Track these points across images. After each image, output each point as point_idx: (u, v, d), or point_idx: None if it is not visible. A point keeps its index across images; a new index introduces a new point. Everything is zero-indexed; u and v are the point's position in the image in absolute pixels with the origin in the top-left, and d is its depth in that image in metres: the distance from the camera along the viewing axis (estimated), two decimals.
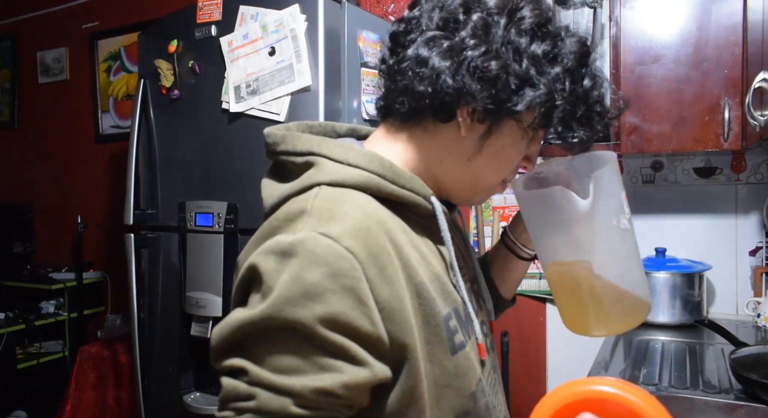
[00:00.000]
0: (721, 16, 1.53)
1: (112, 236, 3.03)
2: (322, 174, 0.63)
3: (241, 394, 0.54)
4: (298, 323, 0.53)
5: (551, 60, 0.63)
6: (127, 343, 2.30)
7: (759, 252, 1.79)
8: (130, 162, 1.89)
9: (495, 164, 0.68)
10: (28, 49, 3.39)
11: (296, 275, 0.54)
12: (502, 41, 0.62)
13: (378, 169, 0.64)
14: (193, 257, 1.76)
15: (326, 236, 0.55)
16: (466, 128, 0.65)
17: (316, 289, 0.53)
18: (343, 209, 0.59)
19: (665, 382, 1.30)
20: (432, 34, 0.63)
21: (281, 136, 0.68)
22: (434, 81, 0.62)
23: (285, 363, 0.54)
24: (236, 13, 1.65)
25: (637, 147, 1.62)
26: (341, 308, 0.54)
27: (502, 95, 0.61)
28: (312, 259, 0.54)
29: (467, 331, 0.69)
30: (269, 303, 0.54)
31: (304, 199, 0.61)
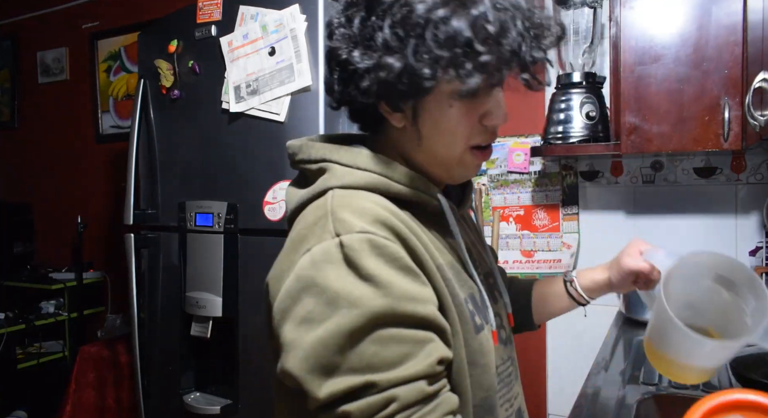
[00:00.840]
0: (721, 16, 1.53)
1: (112, 236, 3.03)
2: (334, 179, 0.67)
3: (379, 404, 0.56)
4: (388, 312, 0.57)
5: (399, 26, 0.61)
6: (127, 343, 2.30)
7: (759, 252, 1.79)
8: (130, 162, 1.89)
9: (441, 139, 0.68)
10: (28, 49, 3.39)
11: (363, 275, 0.57)
12: (356, 37, 0.64)
13: (385, 171, 0.67)
14: (193, 257, 1.76)
15: (364, 231, 0.59)
16: (395, 120, 0.68)
17: (383, 276, 0.57)
18: (360, 206, 0.63)
19: (665, 382, 1.30)
20: (330, 58, 0.68)
21: (298, 147, 0.72)
22: (334, 93, 0.69)
23: (395, 355, 0.57)
24: (236, 13, 1.65)
25: (637, 147, 1.62)
26: (409, 285, 0.59)
27: (373, 81, 0.63)
28: (366, 254, 0.58)
29: (484, 316, 0.72)
30: (353, 306, 0.56)
31: (322, 204, 0.65)
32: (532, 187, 2.09)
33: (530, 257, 2.08)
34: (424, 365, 0.57)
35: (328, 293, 0.57)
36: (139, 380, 1.91)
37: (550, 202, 2.06)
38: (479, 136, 0.69)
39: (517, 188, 2.11)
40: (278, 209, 1.57)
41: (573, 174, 2.02)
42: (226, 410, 1.69)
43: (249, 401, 1.66)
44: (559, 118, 1.77)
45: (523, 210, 2.10)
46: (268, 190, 1.59)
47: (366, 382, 0.55)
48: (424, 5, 0.60)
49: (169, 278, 1.87)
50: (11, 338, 2.71)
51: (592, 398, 1.22)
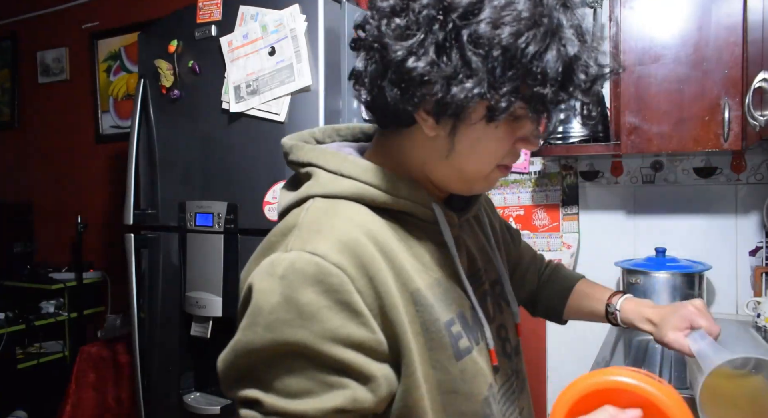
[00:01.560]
0: (721, 16, 1.53)
1: (112, 236, 3.03)
2: (317, 186, 0.65)
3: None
4: (301, 344, 0.54)
5: (480, 45, 0.55)
6: (127, 343, 2.30)
7: (759, 252, 1.79)
8: (130, 162, 1.89)
9: (474, 157, 0.64)
10: (28, 49, 3.39)
11: (290, 297, 0.55)
12: (424, 39, 0.57)
13: (371, 180, 0.64)
14: (193, 257, 1.76)
15: (314, 253, 0.56)
16: (429, 128, 0.62)
17: (311, 307, 0.55)
18: (330, 223, 0.60)
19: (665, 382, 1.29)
20: (369, 43, 0.61)
21: (290, 147, 0.70)
22: (371, 94, 0.63)
23: (295, 387, 0.55)
24: (236, 13, 1.65)
25: (637, 147, 1.62)
26: (339, 322, 0.55)
27: (438, 96, 0.57)
28: (303, 279, 0.55)
29: (475, 336, 0.68)
30: (269, 327, 0.55)
31: (297, 214, 0.63)
32: (532, 188, 2.09)
33: None
34: (316, 409, 0.54)
35: (255, 307, 0.57)
36: (139, 380, 1.91)
37: (550, 202, 2.06)
38: (510, 157, 0.66)
39: (517, 188, 2.11)
40: None
41: (573, 174, 2.03)
42: (226, 410, 1.69)
43: None
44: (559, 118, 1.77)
45: (523, 210, 2.10)
46: (268, 191, 1.59)
47: (255, 398, 0.56)
48: (512, 30, 0.54)
49: (169, 278, 1.87)
50: (11, 338, 2.71)
51: None
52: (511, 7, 0.55)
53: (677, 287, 1.68)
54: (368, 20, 0.62)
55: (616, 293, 0.92)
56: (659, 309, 0.85)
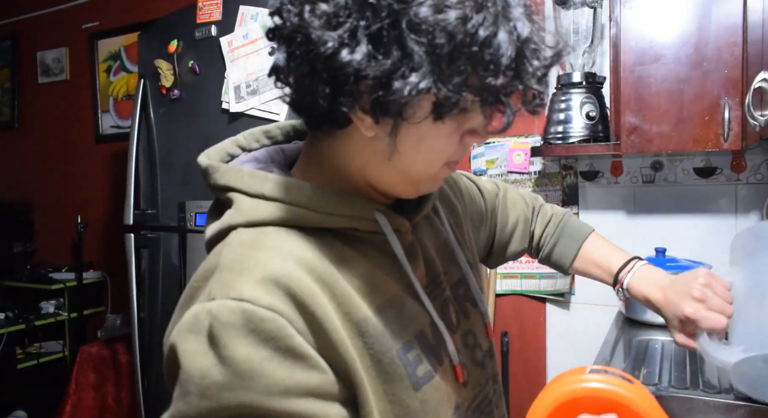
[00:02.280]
0: (721, 16, 1.53)
1: (112, 236, 3.03)
2: (238, 214, 0.57)
3: None
4: (246, 406, 0.47)
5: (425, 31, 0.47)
6: (127, 343, 2.30)
7: None
8: (130, 162, 1.89)
9: (419, 157, 0.56)
10: (28, 49, 3.39)
11: (221, 356, 0.48)
12: (355, 27, 0.48)
13: (297, 200, 0.56)
14: (193, 257, 1.76)
15: (240, 299, 0.49)
16: (367, 128, 0.54)
17: (249, 363, 0.47)
18: (255, 258, 0.52)
19: (665, 382, 1.30)
20: (290, 38, 0.54)
21: (204, 168, 0.62)
22: (297, 93, 0.56)
23: None
24: (236, 13, 1.65)
25: (637, 147, 1.62)
26: (285, 373, 0.48)
27: (374, 96, 0.50)
28: (232, 332, 0.48)
29: (437, 357, 0.62)
30: (203, 395, 0.48)
31: (219, 251, 0.56)
32: (532, 188, 2.09)
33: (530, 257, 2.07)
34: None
35: (182, 373, 0.50)
36: (139, 380, 1.91)
37: (551, 202, 2.06)
38: (458, 153, 0.59)
39: (516, 188, 2.11)
40: None
41: (573, 174, 2.03)
42: None
43: None
44: (559, 118, 1.77)
45: None
46: None
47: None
48: (458, 14, 0.47)
49: (169, 278, 1.86)
50: (11, 338, 2.71)
51: None
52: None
53: None
54: (285, 5, 0.53)
55: (626, 263, 0.87)
56: (664, 292, 0.80)
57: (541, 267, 2.05)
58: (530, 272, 2.06)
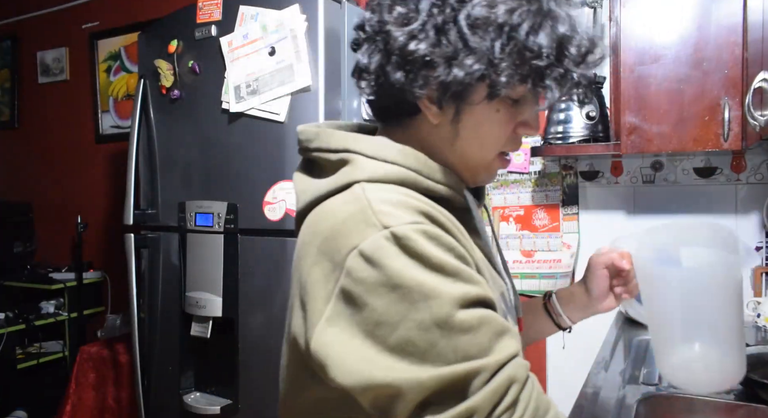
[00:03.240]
0: (721, 16, 1.53)
1: (112, 236, 3.03)
2: (359, 171, 0.63)
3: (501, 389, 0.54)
4: (460, 300, 0.54)
5: (478, 25, 0.58)
6: (127, 343, 2.30)
7: (759, 252, 1.79)
8: (130, 162, 1.89)
9: (478, 142, 0.66)
10: (28, 49, 3.39)
11: (426, 264, 0.54)
12: (423, 24, 0.60)
13: (414, 165, 0.64)
14: (193, 257, 1.76)
15: (413, 223, 0.56)
16: (433, 116, 0.64)
17: (450, 265, 0.55)
18: (398, 198, 0.60)
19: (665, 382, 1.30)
20: (371, 38, 0.64)
21: (315, 133, 0.68)
22: (377, 85, 0.64)
23: (487, 338, 0.54)
24: (236, 13, 1.65)
25: (637, 147, 1.62)
26: (470, 271, 0.58)
27: (438, 78, 0.60)
28: (427, 245, 0.55)
29: (513, 317, 0.71)
30: (428, 302, 0.53)
31: (352, 198, 0.60)
32: (532, 188, 2.09)
33: (530, 257, 2.08)
34: (514, 341, 0.57)
35: (399, 290, 0.53)
36: (139, 380, 1.91)
37: (550, 202, 2.06)
38: (511, 144, 0.68)
39: (517, 188, 2.11)
40: (278, 209, 1.57)
41: (573, 174, 2.03)
42: (226, 410, 1.69)
43: (249, 401, 1.66)
44: (559, 118, 1.77)
45: (523, 210, 2.10)
46: (268, 191, 1.59)
47: (471, 369, 0.53)
48: (506, 8, 0.58)
49: (169, 278, 1.87)
50: (11, 338, 2.71)
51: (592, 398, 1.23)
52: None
53: None
54: (368, 17, 0.64)
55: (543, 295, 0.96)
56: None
57: (541, 267, 2.05)
58: (530, 272, 2.06)
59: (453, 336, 0.53)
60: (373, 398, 0.54)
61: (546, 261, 2.05)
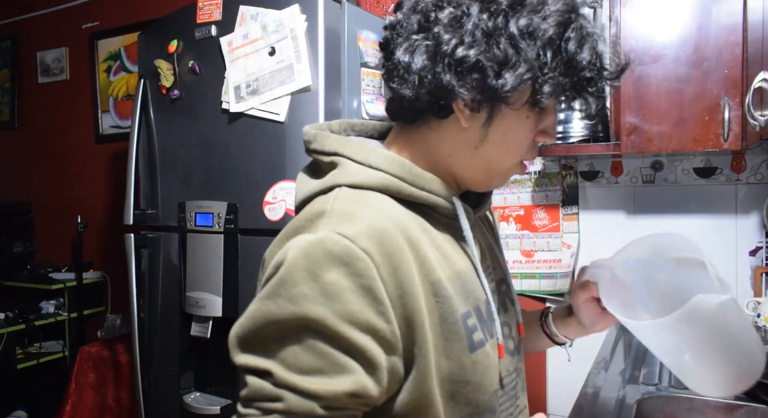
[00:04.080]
0: (721, 16, 1.53)
1: (112, 236, 3.03)
2: (344, 175, 0.66)
3: (268, 395, 0.57)
4: (319, 321, 0.56)
5: (529, 35, 0.61)
6: (127, 343, 2.30)
7: (759, 252, 1.79)
8: (130, 162, 1.89)
9: (504, 147, 0.68)
10: (28, 49, 3.39)
11: (315, 274, 0.56)
12: (474, 28, 0.61)
13: (398, 172, 0.66)
14: (193, 257, 1.76)
15: (344, 236, 0.58)
16: (465, 119, 0.66)
17: (335, 287, 0.56)
18: (360, 211, 0.61)
19: (665, 382, 1.30)
20: (412, 37, 0.65)
21: (313, 135, 0.71)
22: (418, 84, 0.64)
23: (307, 364, 0.56)
24: (236, 13, 1.65)
25: (637, 147, 1.62)
26: (359, 307, 0.56)
27: (487, 82, 0.61)
28: (330, 259, 0.57)
29: (489, 330, 0.70)
30: (291, 300, 0.56)
31: (325, 200, 0.64)
32: (532, 187, 2.09)
33: (530, 257, 2.08)
34: (327, 390, 0.55)
35: (279, 279, 0.58)
36: (139, 380, 1.91)
37: (550, 202, 2.06)
38: (531, 152, 0.71)
39: (517, 188, 2.11)
40: (278, 209, 1.57)
41: (573, 174, 2.02)
42: (226, 410, 1.69)
43: None
44: (558, 118, 1.77)
45: (523, 210, 2.10)
46: (268, 190, 1.59)
47: (267, 369, 0.57)
48: (557, 21, 0.62)
49: (169, 278, 1.87)
50: (11, 338, 2.71)
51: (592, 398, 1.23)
52: (548, 3, 0.63)
53: None
54: (406, 16, 0.66)
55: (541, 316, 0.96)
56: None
57: (541, 267, 2.05)
58: (530, 272, 2.06)
59: (283, 338, 0.57)
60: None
61: (546, 261, 2.05)
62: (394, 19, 0.68)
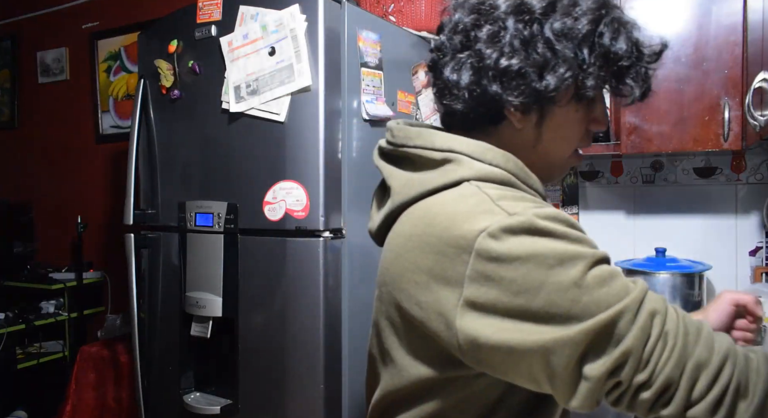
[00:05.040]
0: (721, 16, 1.53)
1: (112, 236, 3.03)
2: (468, 170, 0.68)
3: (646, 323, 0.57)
4: (598, 260, 0.60)
5: (564, 36, 0.66)
6: (127, 343, 2.30)
7: (759, 252, 1.79)
8: (130, 162, 1.89)
9: (559, 141, 0.73)
10: (28, 49, 3.39)
11: (556, 236, 0.59)
12: (512, 39, 0.66)
13: (513, 169, 0.69)
14: (193, 257, 1.76)
15: (536, 207, 0.62)
16: (518, 121, 0.71)
17: (576, 234, 0.61)
18: (514, 195, 0.65)
19: None
20: (456, 56, 0.70)
21: (416, 133, 0.73)
22: (469, 98, 0.69)
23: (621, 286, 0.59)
24: (236, 13, 1.65)
25: (637, 147, 1.62)
26: (590, 239, 0.63)
27: (532, 86, 0.66)
28: (551, 223, 0.60)
29: None
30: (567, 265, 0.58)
31: (468, 193, 0.65)
32: None
33: None
34: (642, 283, 0.60)
35: (533, 259, 0.58)
36: (139, 380, 1.91)
37: (550, 202, 2.06)
38: (585, 141, 0.76)
39: None
40: (278, 209, 1.57)
41: (573, 174, 2.03)
42: (226, 410, 1.69)
43: (249, 401, 1.66)
44: None
45: None
46: (268, 191, 1.59)
47: (614, 313, 0.56)
48: (589, 19, 0.67)
49: (169, 278, 1.86)
50: (11, 338, 2.71)
51: None
52: (580, 4, 0.68)
53: (677, 287, 1.68)
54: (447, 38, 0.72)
55: None
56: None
57: None
58: None
59: (592, 291, 0.57)
60: (530, 365, 0.58)
61: None
62: (438, 41, 0.74)
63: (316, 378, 1.50)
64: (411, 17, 1.91)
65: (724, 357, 0.58)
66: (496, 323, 0.58)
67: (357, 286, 1.59)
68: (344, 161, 1.58)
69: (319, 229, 1.50)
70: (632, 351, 0.56)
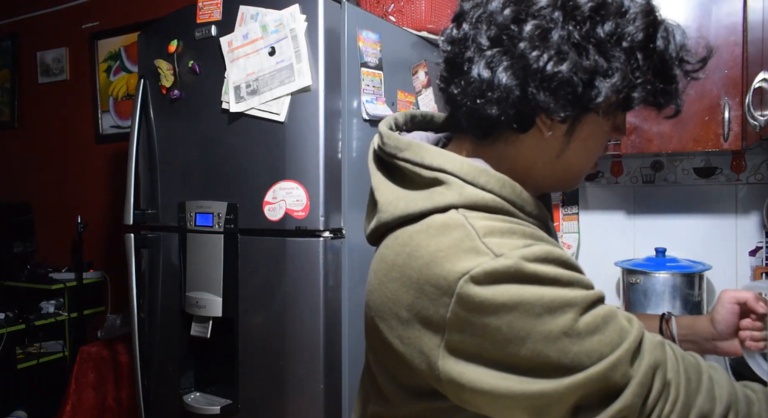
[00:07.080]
0: (721, 16, 1.53)
1: (112, 236, 3.03)
2: (456, 196, 0.61)
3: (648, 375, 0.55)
4: (590, 302, 0.56)
5: (618, 40, 0.60)
6: (127, 343, 2.30)
7: (759, 252, 1.79)
8: (130, 162, 1.89)
9: (584, 153, 0.68)
10: (28, 49, 3.39)
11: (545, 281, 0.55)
12: (562, 40, 0.59)
13: (509, 196, 0.63)
14: (193, 257, 1.76)
15: (526, 246, 0.56)
16: (547, 129, 0.64)
17: (567, 277, 0.56)
18: (503, 227, 0.59)
19: None
20: (490, 52, 0.61)
21: (406, 144, 0.66)
22: (505, 101, 0.61)
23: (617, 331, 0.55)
24: (236, 13, 1.65)
25: (637, 147, 1.62)
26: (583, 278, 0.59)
27: (580, 94, 0.59)
28: (539, 265, 0.55)
29: None
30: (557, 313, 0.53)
31: (453, 224, 0.59)
32: None
33: None
34: (637, 324, 0.57)
35: (520, 307, 0.53)
36: (139, 380, 1.91)
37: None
38: (604, 151, 0.72)
39: None
40: (278, 209, 1.57)
41: None
42: (226, 410, 1.69)
43: (249, 401, 1.66)
44: None
45: None
46: (268, 191, 1.59)
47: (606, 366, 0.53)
48: (641, 25, 0.60)
49: (169, 278, 1.86)
50: (11, 338, 2.71)
51: None
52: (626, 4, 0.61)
53: (677, 287, 1.68)
54: (472, 31, 0.63)
55: (663, 315, 0.93)
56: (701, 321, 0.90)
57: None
58: None
59: (583, 340, 0.53)
60: (518, 413, 0.55)
61: None
62: (457, 33, 0.65)
63: (316, 378, 1.50)
64: (411, 17, 1.91)
65: (726, 408, 0.56)
66: (480, 370, 0.55)
67: (357, 286, 1.59)
68: (344, 161, 1.58)
69: (319, 229, 1.50)
70: (631, 408, 0.53)
